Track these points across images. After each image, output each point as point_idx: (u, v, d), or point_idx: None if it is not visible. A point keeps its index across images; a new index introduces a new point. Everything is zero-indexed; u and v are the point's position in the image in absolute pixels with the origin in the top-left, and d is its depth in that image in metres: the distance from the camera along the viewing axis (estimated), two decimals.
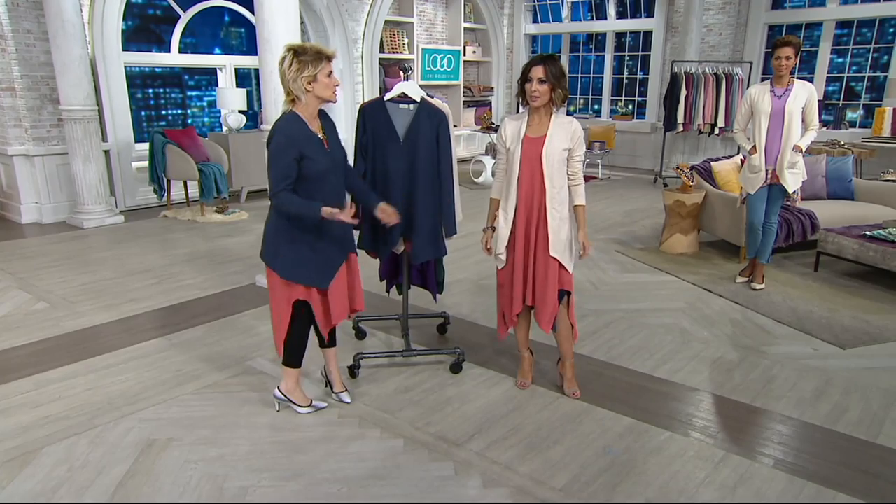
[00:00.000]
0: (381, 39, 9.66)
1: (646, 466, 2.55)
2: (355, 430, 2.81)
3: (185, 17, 7.82)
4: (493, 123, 9.68)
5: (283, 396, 2.93)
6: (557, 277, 2.96)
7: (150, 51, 7.88)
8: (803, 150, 4.21)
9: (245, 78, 8.94)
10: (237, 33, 9.24)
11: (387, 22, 9.71)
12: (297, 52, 2.51)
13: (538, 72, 2.82)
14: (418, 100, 3.05)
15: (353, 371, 3.27)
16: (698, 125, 8.87)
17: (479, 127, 9.71)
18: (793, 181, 4.26)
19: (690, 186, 5.53)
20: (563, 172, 2.92)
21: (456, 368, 3.33)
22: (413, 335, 3.80)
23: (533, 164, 2.89)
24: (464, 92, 11.19)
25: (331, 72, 2.57)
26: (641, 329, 3.93)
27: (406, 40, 10.10)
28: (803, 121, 4.22)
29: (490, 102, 11.71)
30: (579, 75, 11.45)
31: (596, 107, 11.39)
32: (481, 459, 2.59)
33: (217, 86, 8.49)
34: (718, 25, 9.48)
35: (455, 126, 11.06)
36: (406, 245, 3.26)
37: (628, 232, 6.34)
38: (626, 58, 11.02)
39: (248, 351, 3.60)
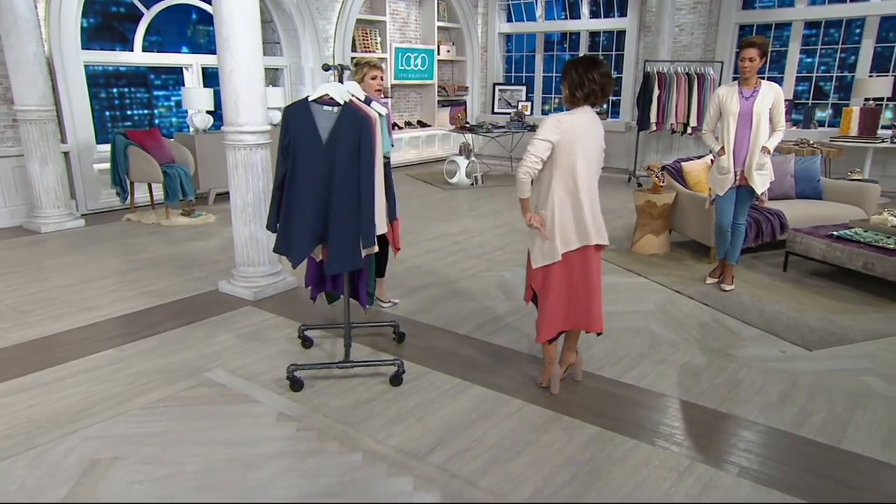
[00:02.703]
0: (353, 38, 9.53)
1: (610, 477, 2.49)
2: (313, 444, 2.71)
3: (148, 15, 7.61)
4: (467, 123, 9.61)
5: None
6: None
7: (114, 49, 7.65)
8: (771, 152, 4.20)
9: (213, 77, 8.74)
10: (205, 31, 9.03)
11: (359, 20, 9.59)
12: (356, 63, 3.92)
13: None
14: (342, 102, 2.93)
15: (291, 384, 3.15)
16: (671, 125, 8.90)
17: (453, 127, 9.63)
18: (761, 182, 4.25)
19: (661, 187, 5.51)
20: None
21: (395, 381, 3.22)
22: (371, 343, 3.71)
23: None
24: (438, 91, 11.11)
25: (374, 76, 3.86)
26: (610, 333, 3.88)
27: (378, 39, 9.98)
28: (771, 122, 4.22)
29: (465, 102, 11.64)
30: (553, 75, 11.43)
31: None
32: (441, 473, 2.51)
33: (184, 85, 8.29)
34: (690, 25, 9.53)
35: (428, 126, 11.00)
36: (323, 253, 3.15)
37: None
38: (601, 57, 11.01)
39: (207, 361, 3.48)
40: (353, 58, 4.06)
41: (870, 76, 8.45)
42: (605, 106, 10.94)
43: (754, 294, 4.51)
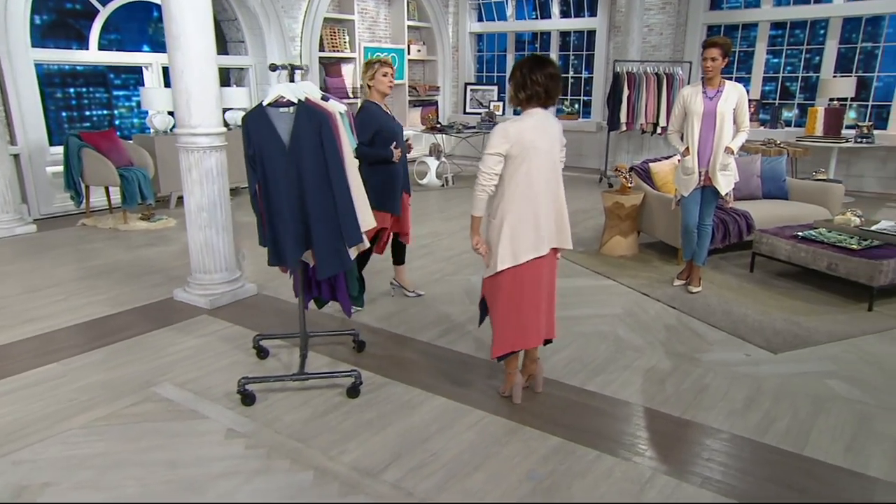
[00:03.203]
0: (321, 37, 9.35)
1: (570, 491, 2.41)
2: (262, 462, 2.58)
3: (104, 13, 7.35)
4: (438, 124, 9.50)
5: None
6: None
7: (69, 48, 7.38)
8: (735, 152, 4.17)
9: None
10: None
11: (326, 19, 9.41)
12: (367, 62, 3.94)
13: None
14: (296, 101, 2.81)
15: (243, 398, 3.01)
16: (641, 124, 8.91)
17: (423, 127, 9.51)
18: (725, 183, 4.22)
19: (629, 188, 5.47)
20: None
21: (352, 392, 3.10)
22: (330, 352, 3.59)
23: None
24: (409, 91, 10.98)
25: (385, 73, 3.90)
26: (576, 338, 3.81)
27: (347, 38, 9.82)
28: (735, 122, 4.19)
29: (436, 102, 11.53)
30: None
31: None
32: (396, 492, 2.40)
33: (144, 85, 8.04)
34: (659, 25, 9.55)
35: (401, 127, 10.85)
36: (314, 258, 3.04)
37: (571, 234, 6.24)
38: (571, 57, 11.01)
39: (155, 375, 3.31)
40: (370, 59, 3.99)
41: (834, 76, 8.56)
42: (576, 106, 10.94)
43: (721, 296, 4.48)
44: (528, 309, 2.91)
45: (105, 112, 8.33)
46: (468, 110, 11.57)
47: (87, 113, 8.11)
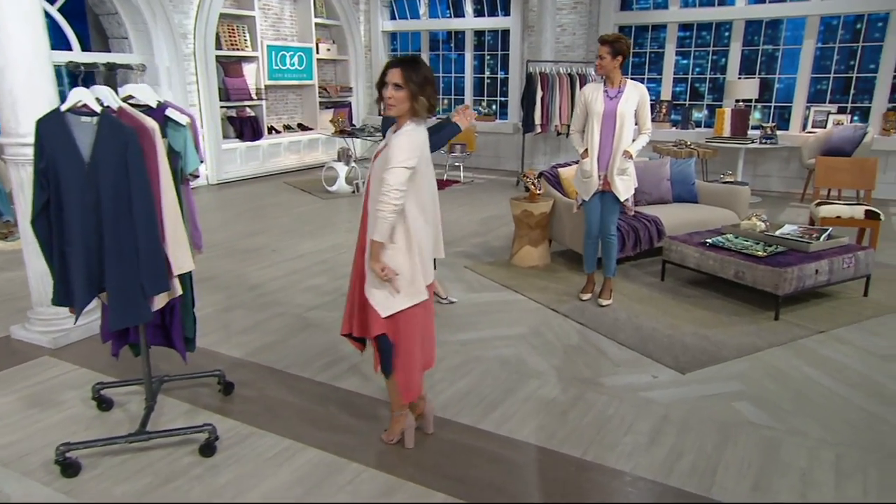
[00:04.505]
0: (218, 35, 8.67)
1: None
2: None
3: None
4: (348, 127, 9.01)
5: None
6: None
7: None
8: (633, 156, 3.96)
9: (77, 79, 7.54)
10: None
11: (224, 15, 8.74)
12: None
13: (394, 75, 2.37)
14: (98, 110, 2.32)
15: (63, 469, 2.47)
16: (556, 126, 8.76)
17: (333, 130, 9.00)
18: (623, 188, 4.00)
19: (537, 195, 5.21)
20: None
21: (206, 451, 2.63)
22: (191, 397, 3.08)
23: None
24: (319, 92, 10.43)
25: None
26: (476, 365, 3.47)
27: (247, 36, 9.17)
28: (637, 123, 3.98)
29: (349, 103, 11.03)
30: (440, 75, 11.06)
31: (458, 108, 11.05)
32: None
33: None
34: (572, 25, 9.45)
35: (310, 129, 10.29)
36: None
37: (481, 243, 5.95)
38: (487, 57, 10.79)
39: None
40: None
41: (739, 78, 8.70)
42: (493, 107, 10.71)
43: (631, 309, 4.26)
44: (426, 331, 2.61)
45: None
46: (384, 112, 11.11)
47: None
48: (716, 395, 3.15)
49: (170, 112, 2.66)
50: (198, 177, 2.89)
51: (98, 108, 2.28)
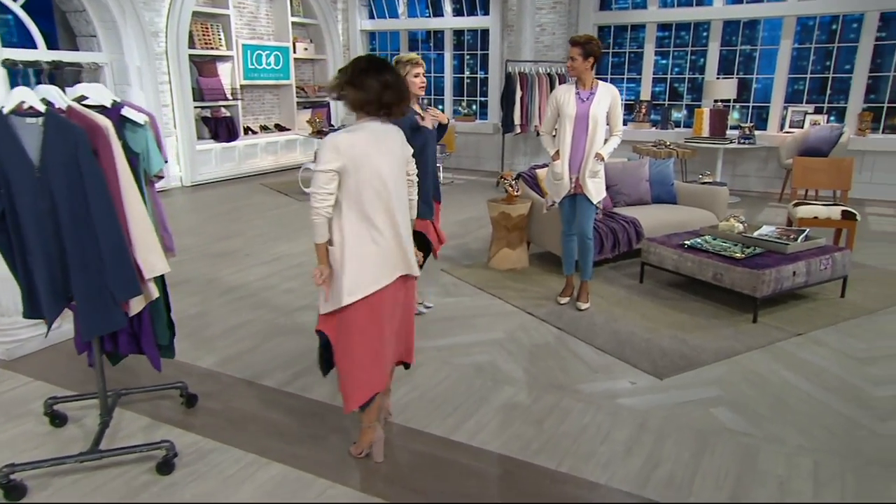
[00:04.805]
0: (191, 33, 8.48)
1: None
2: None
3: None
4: (324, 127, 8.87)
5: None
6: None
7: None
8: (605, 158, 3.89)
9: (24, 78, 7.28)
10: (3, 20, 7.63)
11: (197, 13, 8.55)
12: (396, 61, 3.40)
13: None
14: (43, 110, 2.19)
15: (6, 492, 2.33)
16: (535, 126, 8.70)
17: (310, 131, 8.86)
18: (595, 191, 3.94)
19: (515, 197, 5.13)
20: None
21: (164, 469, 2.51)
22: (152, 410, 2.96)
23: None
24: (297, 92, 10.28)
25: (416, 74, 3.50)
26: (451, 372, 3.38)
27: (222, 35, 8.99)
28: (608, 125, 3.92)
29: (327, 103, 10.88)
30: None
31: (440, 107, 10.97)
32: None
33: None
34: (551, 25, 9.40)
35: (287, 129, 10.14)
36: None
37: (459, 246, 5.86)
38: (467, 56, 10.71)
39: None
40: (397, 57, 3.53)
41: (717, 78, 8.71)
42: (473, 107, 10.64)
43: (609, 312, 4.20)
44: (382, 344, 2.49)
45: None
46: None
47: None
48: (693, 401, 3.10)
49: (126, 111, 2.53)
50: (163, 177, 2.76)
51: (43, 109, 2.15)
